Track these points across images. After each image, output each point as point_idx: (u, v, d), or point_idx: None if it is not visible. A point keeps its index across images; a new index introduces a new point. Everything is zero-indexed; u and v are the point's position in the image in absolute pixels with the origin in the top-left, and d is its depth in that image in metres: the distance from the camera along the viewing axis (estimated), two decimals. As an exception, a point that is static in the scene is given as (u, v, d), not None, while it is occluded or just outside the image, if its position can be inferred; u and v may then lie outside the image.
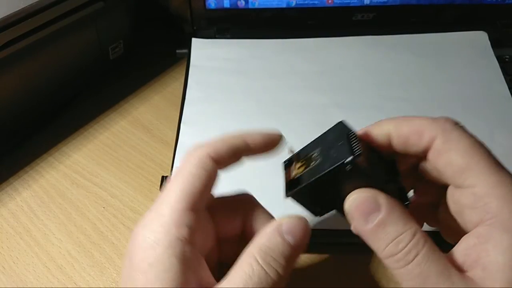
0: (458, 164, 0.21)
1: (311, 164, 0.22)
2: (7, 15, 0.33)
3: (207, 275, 0.22)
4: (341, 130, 0.22)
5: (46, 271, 0.32)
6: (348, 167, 0.20)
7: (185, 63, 0.45)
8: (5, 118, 0.38)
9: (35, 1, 0.35)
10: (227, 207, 0.26)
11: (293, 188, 0.22)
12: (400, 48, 0.46)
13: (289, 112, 0.40)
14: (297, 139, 0.38)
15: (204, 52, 0.46)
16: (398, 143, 0.23)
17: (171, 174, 0.36)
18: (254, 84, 0.43)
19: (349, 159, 0.20)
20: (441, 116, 0.23)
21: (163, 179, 0.36)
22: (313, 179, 0.21)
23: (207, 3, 0.46)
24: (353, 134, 0.22)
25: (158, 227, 0.21)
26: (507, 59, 0.44)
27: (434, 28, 0.47)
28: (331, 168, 0.21)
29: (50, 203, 0.36)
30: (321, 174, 0.21)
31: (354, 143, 0.21)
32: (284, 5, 0.47)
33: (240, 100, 0.41)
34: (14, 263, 0.33)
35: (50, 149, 0.40)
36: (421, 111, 0.40)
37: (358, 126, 0.39)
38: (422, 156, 0.23)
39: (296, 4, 0.47)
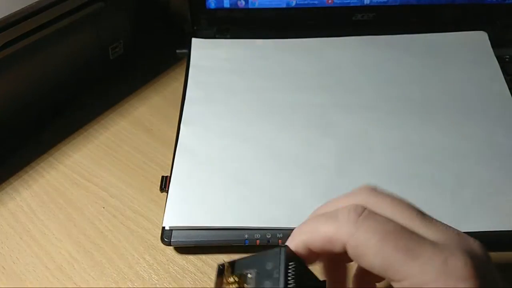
0: (377, 267, 0.20)
1: (243, 285, 0.22)
2: (7, 15, 0.33)
3: None
4: (281, 258, 0.21)
5: (46, 271, 0.32)
6: None
7: (185, 63, 0.45)
8: (5, 118, 0.38)
9: (35, 1, 0.35)
10: None
11: None
12: (400, 48, 0.46)
13: (288, 112, 0.40)
14: (296, 139, 0.38)
15: (204, 52, 0.46)
16: (318, 251, 0.22)
17: (171, 174, 0.36)
18: (254, 84, 0.43)
19: None
20: (346, 207, 0.21)
21: (163, 179, 0.36)
22: None
23: (207, 3, 0.47)
24: (292, 267, 0.21)
25: None
26: (507, 59, 0.44)
27: (434, 28, 0.47)
28: None
29: (50, 203, 0.36)
30: None
31: (290, 278, 0.21)
32: (284, 5, 0.47)
33: (240, 100, 0.41)
34: (14, 263, 0.33)
35: (50, 149, 0.40)
36: (421, 110, 0.40)
37: (358, 125, 0.39)
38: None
39: (296, 4, 0.47)
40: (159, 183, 0.36)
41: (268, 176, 0.36)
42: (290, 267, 0.21)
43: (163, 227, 0.33)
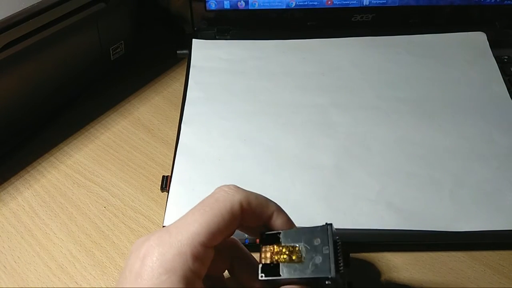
0: None
1: (293, 258, 0.23)
2: (8, 16, 0.33)
3: None
4: (329, 235, 0.23)
5: (47, 270, 0.33)
6: (328, 282, 0.22)
7: (186, 63, 0.45)
8: (7, 118, 0.39)
9: (36, 2, 0.35)
10: (219, 249, 0.26)
11: (269, 274, 0.23)
12: (399, 49, 0.46)
13: (288, 112, 0.40)
14: (296, 139, 0.38)
15: (205, 52, 0.46)
16: None
17: (171, 173, 0.36)
18: (254, 84, 0.43)
19: (332, 276, 0.22)
20: None
21: (164, 178, 0.36)
22: (293, 277, 0.23)
23: (207, 4, 0.47)
24: (340, 246, 0.23)
25: (175, 254, 0.22)
26: (505, 60, 0.45)
27: (433, 29, 0.47)
28: (313, 276, 0.22)
29: (51, 202, 0.37)
30: (302, 277, 0.23)
31: (339, 256, 0.23)
32: (284, 6, 0.47)
33: (240, 100, 0.42)
34: (15, 262, 0.33)
35: (52, 149, 0.41)
36: (419, 111, 0.40)
37: (358, 126, 0.39)
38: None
39: (296, 5, 0.47)
40: (160, 183, 0.36)
41: (268, 176, 0.36)
42: (338, 247, 0.23)
43: (164, 226, 0.33)
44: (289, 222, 0.26)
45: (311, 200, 0.34)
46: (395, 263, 0.32)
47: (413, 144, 0.38)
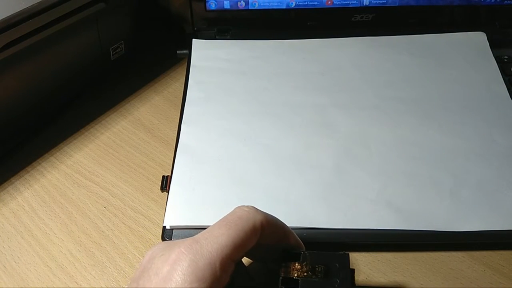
0: None
1: (313, 276, 0.25)
2: (8, 16, 0.33)
3: None
4: (345, 262, 0.25)
5: (47, 270, 0.33)
6: None
7: (186, 63, 0.46)
8: (7, 118, 0.39)
9: (36, 2, 0.35)
10: None
11: (289, 286, 0.25)
12: (399, 49, 0.46)
13: (288, 112, 0.40)
14: (296, 139, 0.38)
15: (205, 52, 0.46)
16: None
17: (171, 173, 0.36)
18: (254, 84, 0.43)
19: None
20: None
21: (164, 178, 0.36)
22: None
23: (207, 4, 0.47)
24: (353, 273, 0.26)
25: (206, 264, 0.23)
26: (505, 60, 0.45)
27: (433, 28, 0.47)
28: None
29: (51, 202, 0.37)
30: None
31: (353, 281, 0.25)
32: (284, 6, 0.47)
33: (240, 100, 0.42)
34: (15, 262, 0.33)
35: (52, 149, 0.41)
36: (419, 111, 0.40)
37: (358, 126, 0.39)
38: None
39: (296, 5, 0.47)
40: (160, 183, 0.36)
41: (267, 176, 0.36)
42: (353, 273, 0.25)
43: (164, 227, 0.33)
44: (299, 240, 0.28)
45: (311, 200, 0.34)
46: (395, 263, 0.32)
47: (413, 144, 0.38)
